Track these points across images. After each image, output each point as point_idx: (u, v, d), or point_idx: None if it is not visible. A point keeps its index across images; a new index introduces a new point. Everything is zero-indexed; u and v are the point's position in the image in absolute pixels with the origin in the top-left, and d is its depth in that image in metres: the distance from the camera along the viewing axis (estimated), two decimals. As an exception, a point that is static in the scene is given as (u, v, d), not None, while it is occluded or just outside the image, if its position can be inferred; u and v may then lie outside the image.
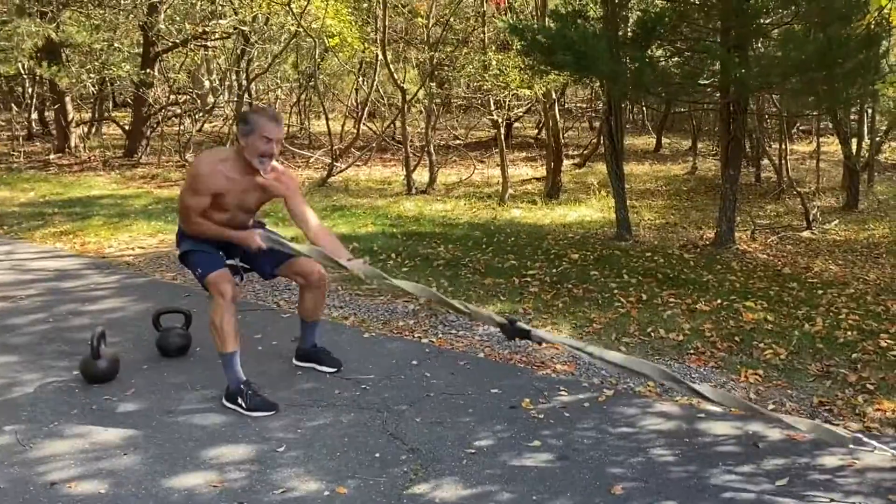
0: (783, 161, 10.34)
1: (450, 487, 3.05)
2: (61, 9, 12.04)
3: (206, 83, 16.57)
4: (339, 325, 5.09)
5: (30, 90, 16.33)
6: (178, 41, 13.52)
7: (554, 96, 10.57)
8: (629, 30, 6.96)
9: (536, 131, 17.42)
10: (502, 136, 11.02)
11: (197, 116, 14.77)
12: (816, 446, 3.35)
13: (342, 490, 3.03)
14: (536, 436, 3.49)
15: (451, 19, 12.59)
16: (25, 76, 15.21)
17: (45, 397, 3.90)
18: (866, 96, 8.02)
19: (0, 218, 8.79)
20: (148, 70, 13.00)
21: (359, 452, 3.33)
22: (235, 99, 14.83)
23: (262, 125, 3.67)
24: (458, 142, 15.55)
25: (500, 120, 11.15)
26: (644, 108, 18.56)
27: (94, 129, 16.27)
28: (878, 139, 11.15)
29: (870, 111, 11.45)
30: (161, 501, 2.96)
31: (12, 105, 15.83)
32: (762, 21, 6.60)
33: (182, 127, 13.75)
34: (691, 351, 4.60)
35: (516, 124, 17.24)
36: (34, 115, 17.17)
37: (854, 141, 10.21)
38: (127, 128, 14.56)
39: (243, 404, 3.70)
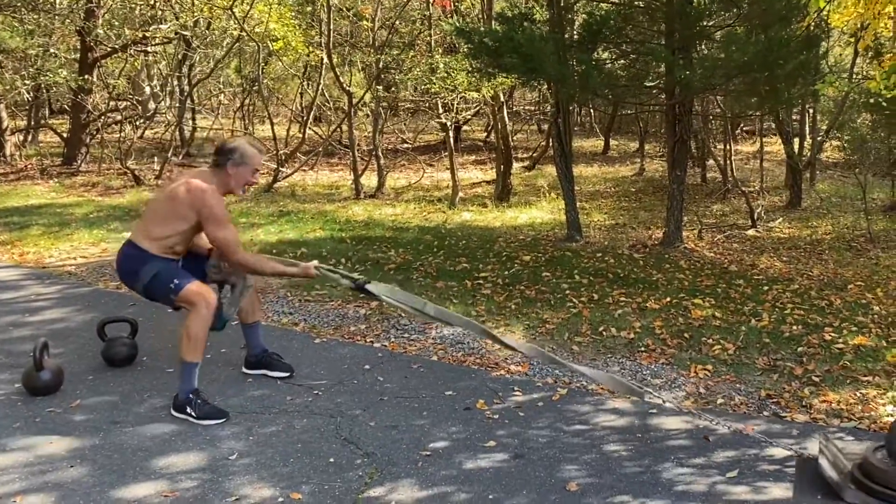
0: (728, 161, 10.53)
1: (406, 490, 3.03)
2: (-6, 13, 11.70)
3: (147, 89, 16.27)
4: (289, 331, 5.03)
5: (-39, 97, 15.84)
6: (116, 46, 13.22)
7: (502, 99, 10.61)
8: (575, 32, 7.03)
9: (485, 134, 17.50)
10: (451, 140, 11.02)
11: (138, 123, 14.48)
12: (766, 438, 3.41)
13: (296, 496, 2.98)
14: (491, 436, 3.48)
15: (397, 22, 12.57)
16: (-44, 82, 14.75)
17: (-14, 411, 3.77)
18: (807, 96, 8.21)
19: (-66, 228, 8.50)
20: (86, 76, 12.68)
21: (313, 458, 3.29)
22: (177, 104, 14.60)
23: (256, 161, 3.85)
24: (406, 145, 15.53)
25: (448, 123, 11.15)
26: (591, 111, 18.78)
27: (30, 137, 15.81)
28: (819, 138, 11.43)
29: (811, 111, 11.74)
30: (110, 514, 2.89)
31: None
32: (705, 23, 6.72)
33: (123, 134, 13.45)
34: (642, 348, 4.65)
35: (465, 127, 17.29)
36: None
37: (796, 140, 10.45)
38: (65, 135, 14.20)
39: (193, 413, 3.63)
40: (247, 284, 3.99)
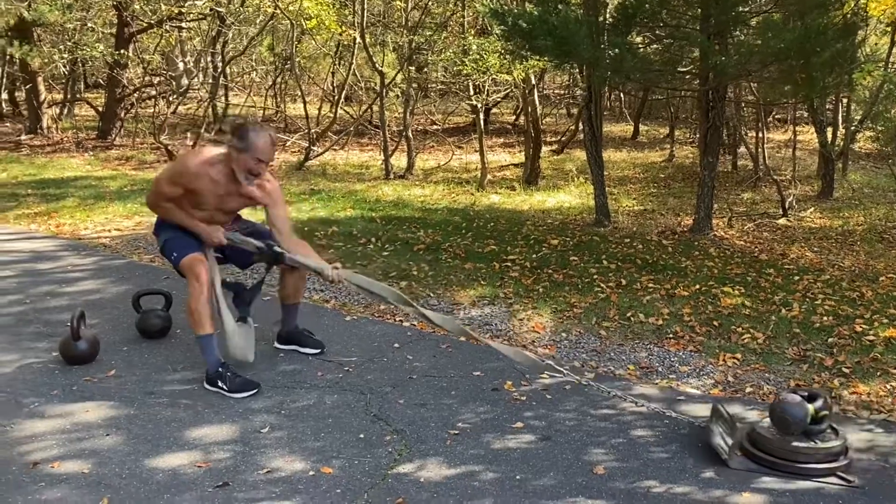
0: (760, 149, 10.43)
1: (434, 467, 3.07)
2: (33, -13, 11.81)
3: (181, 65, 16.37)
4: (320, 308, 5.09)
5: (0, 70, 16.04)
6: (152, 22, 13.32)
7: (533, 82, 10.57)
8: (609, 15, 6.97)
9: (514, 117, 17.43)
10: (481, 122, 11.00)
11: (171, 98, 14.60)
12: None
13: (327, 470, 3.04)
14: (519, 417, 3.52)
15: (430, 3, 12.54)
16: (-6, 56, 14.95)
17: (25, 378, 3.87)
18: (842, 85, 8.09)
19: (-28, 199, 8.66)
20: (122, 51, 12.80)
21: (343, 433, 3.34)
22: (210, 81, 14.69)
23: (258, 148, 3.65)
24: (435, 127, 15.51)
25: (478, 105, 11.13)
26: (622, 96, 18.62)
27: (66, 110, 16.01)
28: (853, 128, 11.27)
29: (845, 100, 11.57)
30: (145, 481, 2.95)
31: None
32: (741, 9, 6.64)
33: (156, 109, 13.58)
34: (670, 335, 4.65)
35: (494, 110, 17.23)
36: (4, 96, 16.87)
37: (829, 130, 10.31)
38: (101, 109, 14.36)
39: (224, 386, 3.70)
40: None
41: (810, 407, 3.12)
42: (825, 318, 4.88)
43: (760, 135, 10.43)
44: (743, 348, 4.44)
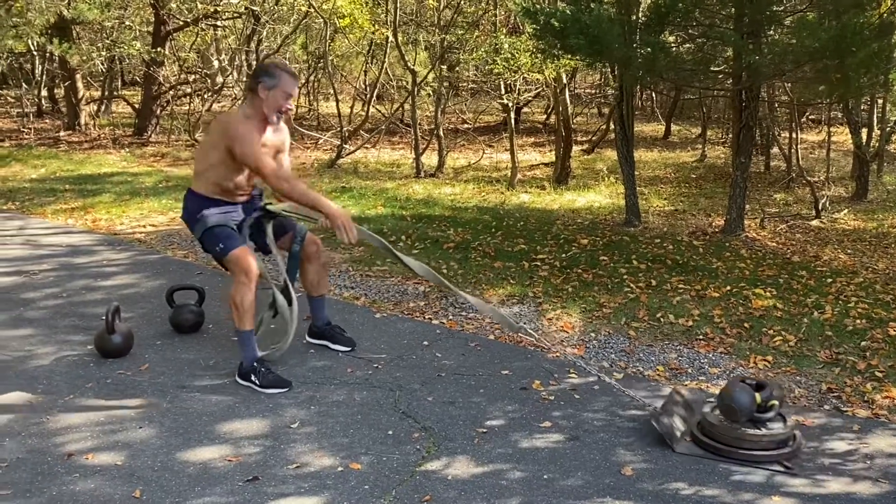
0: (793, 150, 10.32)
1: (462, 465, 3.09)
2: (72, -15, 12.02)
3: (216, 63, 16.54)
4: (350, 305, 5.13)
5: (40, 67, 16.34)
6: (188, 20, 13.49)
7: (564, 81, 10.55)
8: (642, 15, 6.94)
9: (545, 116, 17.40)
10: (512, 121, 11.00)
11: (206, 96, 14.77)
12: (825, 431, 3.38)
13: (356, 466, 3.07)
14: (547, 417, 3.52)
15: (463, 2, 12.55)
16: (36, 53, 15.21)
17: (61, 370, 3.95)
18: (878, 85, 7.97)
19: (12, 193, 8.83)
20: (158, 49, 12.99)
21: (372, 429, 3.37)
22: (244, 79, 14.82)
23: (286, 81, 3.75)
24: (466, 126, 15.53)
25: (509, 104, 11.13)
26: (654, 95, 18.50)
27: (103, 107, 16.27)
28: (888, 129, 11.10)
29: (880, 101, 11.40)
30: (177, 474, 3.00)
31: (22, 82, 15.83)
32: (776, 8, 6.58)
33: (191, 106, 13.75)
34: (700, 336, 4.62)
35: (525, 109, 17.20)
36: (44, 93, 17.17)
37: (864, 130, 10.17)
38: (137, 106, 14.57)
39: (257, 381, 3.74)
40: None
41: (757, 395, 3.22)
42: (858, 321, 4.82)
43: (794, 135, 10.31)
44: (774, 351, 4.40)
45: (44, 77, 16.54)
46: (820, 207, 8.24)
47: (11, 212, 7.99)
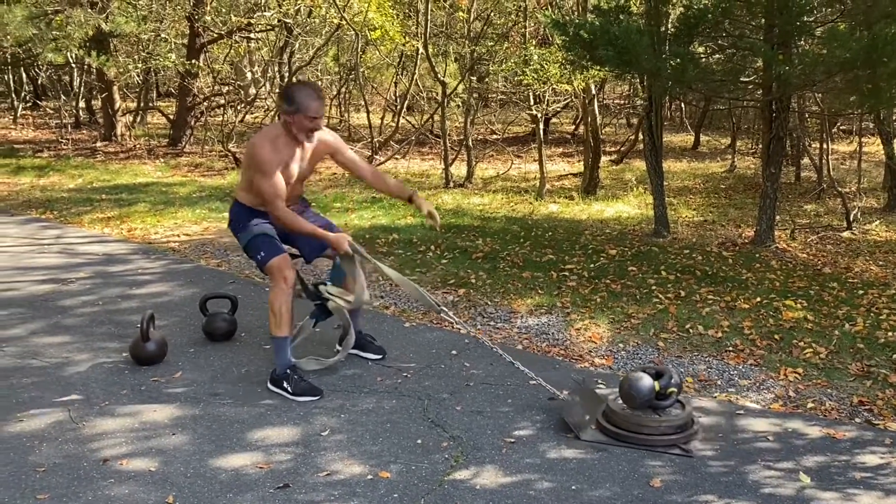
0: (824, 160, 10.22)
1: (490, 475, 3.11)
2: (110, -1, 12.28)
3: (249, 75, 16.75)
4: (380, 315, 5.18)
5: (78, 79, 16.65)
6: (222, 32, 13.69)
7: (593, 91, 10.55)
8: (671, 26, 6.94)
9: (573, 127, 17.38)
10: (541, 131, 11.02)
11: (239, 107, 14.96)
12: (857, 444, 3.36)
13: (385, 474, 3.10)
14: (575, 427, 3.53)
15: (492, 14, 12.61)
16: (74, 65, 15.52)
17: (97, 377, 4.03)
18: (911, 96, 7.88)
19: (50, 203, 9.02)
20: (193, 61, 13.19)
21: (401, 438, 3.41)
22: (277, 91, 14.99)
23: (308, 105, 3.76)
24: (495, 136, 15.56)
25: (538, 115, 11.15)
26: (682, 106, 18.41)
27: (139, 118, 16.54)
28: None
29: (913, 111, 11.25)
30: (209, 480, 3.06)
31: (61, 94, 16.16)
32: (806, 19, 6.54)
33: (225, 117, 13.94)
34: (730, 348, 4.61)
35: (553, 120, 17.20)
36: (82, 104, 17.50)
37: (896, 141, 10.04)
38: (172, 117, 14.80)
39: (289, 389, 3.79)
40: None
41: (656, 383, 3.40)
42: (890, 333, 4.77)
43: (825, 146, 10.20)
44: (805, 363, 4.38)
45: (82, 89, 16.87)
46: (851, 219, 8.15)
47: (50, 221, 8.16)
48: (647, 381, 3.40)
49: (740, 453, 3.31)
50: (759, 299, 5.44)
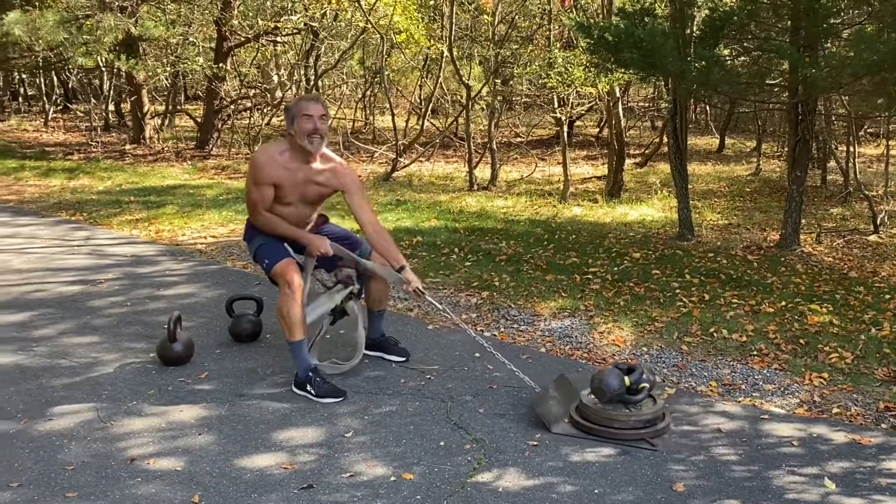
0: (850, 163, 10.12)
1: (512, 478, 3.13)
2: (140, 3, 12.43)
3: (275, 78, 16.89)
4: (403, 317, 5.21)
5: (107, 83, 16.88)
6: (249, 36, 13.82)
7: (617, 94, 10.53)
8: (696, 28, 6.91)
9: (597, 130, 17.34)
10: (565, 134, 11.01)
11: (265, 110, 15.09)
12: (882, 450, 3.34)
13: (408, 476, 3.13)
14: (598, 430, 3.54)
15: (517, 17, 12.61)
16: (104, 69, 15.72)
17: (124, 377, 4.10)
18: (938, 98, 7.79)
19: (80, 205, 9.16)
20: (220, 64, 13.33)
21: (424, 440, 3.43)
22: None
23: (301, 106, 3.86)
24: (519, 139, 15.57)
25: (562, 118, 11.14)
26: (707, 108, 18.30)
27: (167, 121, 16.74)
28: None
29: (941, 114, 11.11)
30: (234, 480, 3.10)
31: (91, 97, 16.39)
32: (833, 21, 6.49)
33: (251, 120, 14.07)
34: (754, 352, 4.59)
35: (578, 123, 17.17)
36: (111, 107, 17.73)
37: (924, 144, 9.92)
38: (199, 120, 14.95)
39: (312, 391, 3.83)
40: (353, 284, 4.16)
41: (626, 378, 3.47)
42: (918, 339, 4.73)
43: (851, 149, 10.11)
44: (830, 368, 4.35)
45: (111, 92, 17.10)
46: (878, 222, 8.07)
47: (79, 222, 8.29)
48: (617, 376, 3.47)
49: (764, 458, 3.29)
50: (783, 303, 5.40)
